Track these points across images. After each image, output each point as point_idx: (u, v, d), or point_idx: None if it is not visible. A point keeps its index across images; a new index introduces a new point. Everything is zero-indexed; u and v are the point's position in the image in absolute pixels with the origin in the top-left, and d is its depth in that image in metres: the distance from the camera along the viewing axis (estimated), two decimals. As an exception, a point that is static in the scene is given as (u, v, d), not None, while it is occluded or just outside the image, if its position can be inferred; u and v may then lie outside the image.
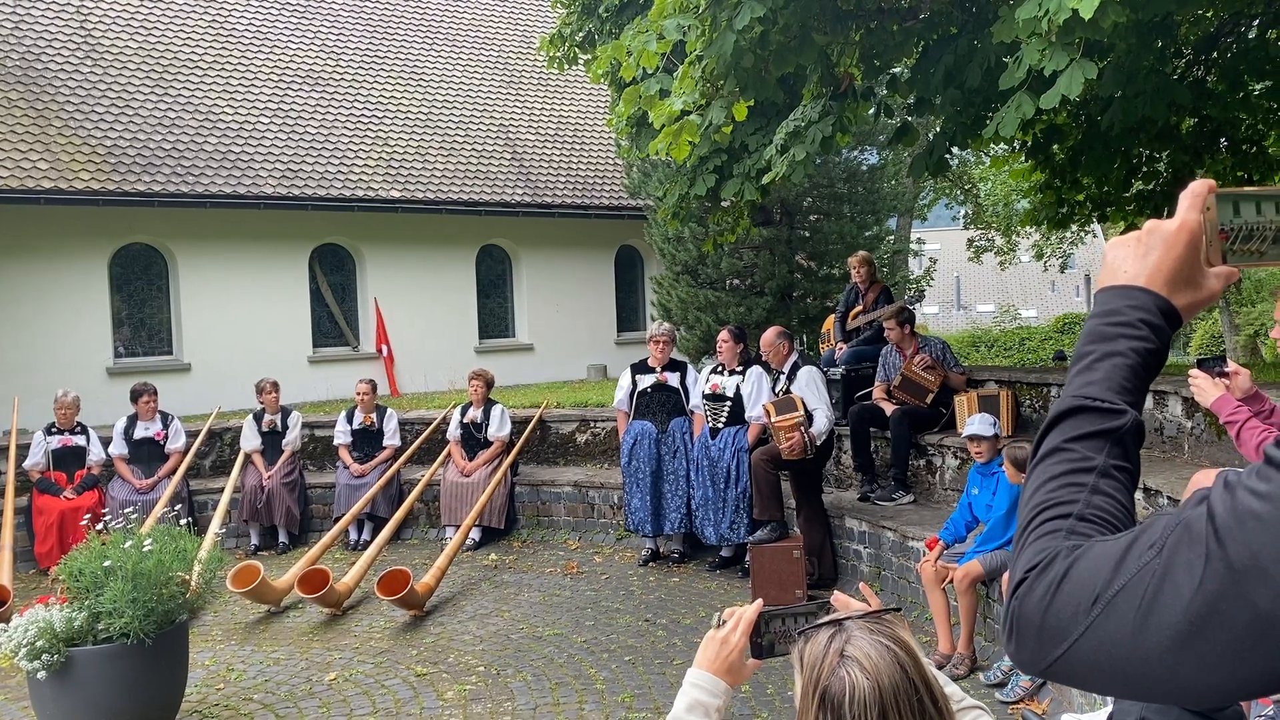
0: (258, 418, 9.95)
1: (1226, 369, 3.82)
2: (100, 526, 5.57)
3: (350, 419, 10.08)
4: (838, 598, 1.76)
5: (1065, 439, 1.12)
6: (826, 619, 1.52)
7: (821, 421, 7.51)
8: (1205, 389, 3.79)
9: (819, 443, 7.49)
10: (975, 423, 6.15)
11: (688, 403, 8.67)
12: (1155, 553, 0.96)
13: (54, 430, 9.33)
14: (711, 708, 1.82)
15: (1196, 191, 1.14)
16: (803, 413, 7.39)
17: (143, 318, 13.31)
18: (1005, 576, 5.58)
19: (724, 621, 1.86)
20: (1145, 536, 0.99)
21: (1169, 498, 5.45)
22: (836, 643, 1.45)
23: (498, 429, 9.74)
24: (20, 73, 12.82)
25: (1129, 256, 1.16)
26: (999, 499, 5.88)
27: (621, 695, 5.78)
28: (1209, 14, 8.44)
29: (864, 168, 15.20)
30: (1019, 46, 5.45)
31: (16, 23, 13.27)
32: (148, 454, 9.59)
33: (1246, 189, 1.15)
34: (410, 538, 9.83)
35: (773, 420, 7.40)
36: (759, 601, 1.85)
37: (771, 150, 7.01)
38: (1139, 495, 5.87)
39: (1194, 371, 3.88)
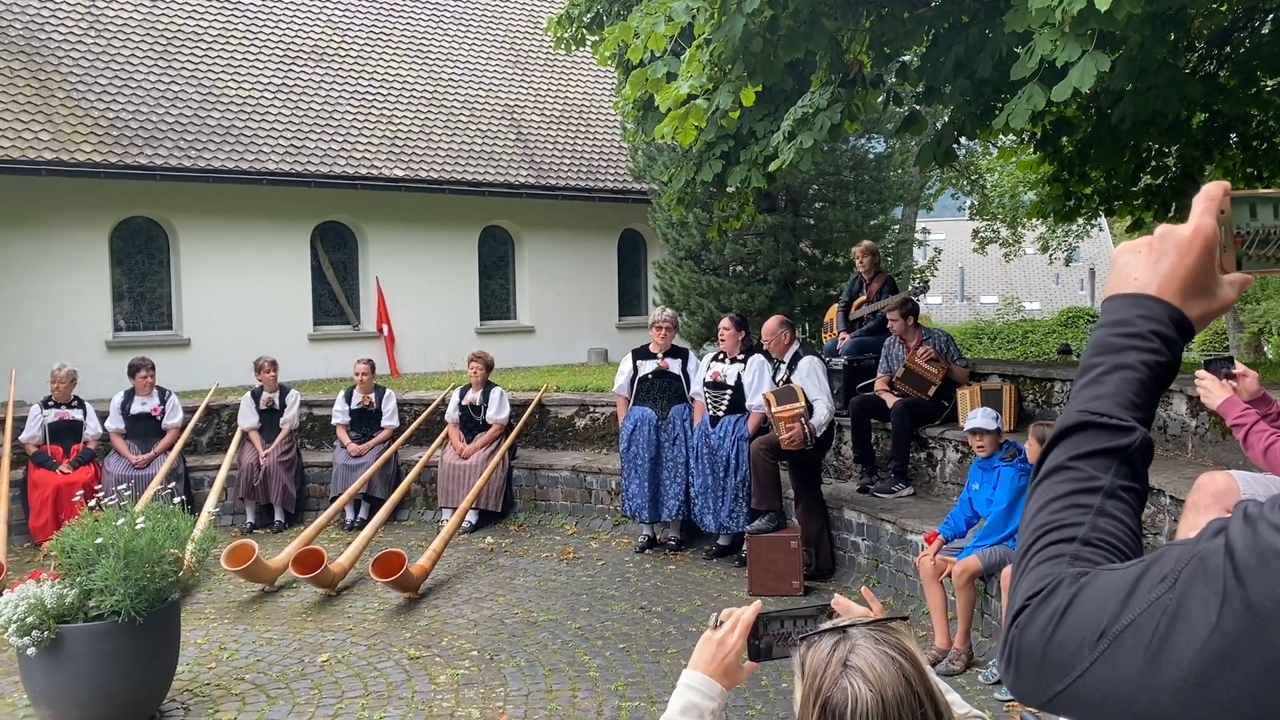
0: (256, 395, 9.90)
1: (1234, 370, 3.76)
2: (93, 503, 5.52)
3: (349, 398, 10.04)
4: (839, 601, 1.70)
5: (1070, 456, 1.06)
6: (829, 625, 1.47)
7: (822, 412, 7.46)
8: (1212, 390, 3.73)
9: (819, 434, 7.44)
10: (978, 416, 6.09)
11: (688, 390, 8.62)
12: (1167, 587, 0.91)
13: (50, 404, 9.29)
14: (706, 710, 1.77)
15: (1211, 194, 1.07)
16: (803, 403, 7.34)
17: (143, 292, 13.25)
18: (1005, 572, 5.54)
19: (721, 622, 1.81)
20: (1156, 568, 0.93)
21: (1171, 497, 5.41)
22: (840, 651, 1.39)
23: (496, 411, 9.70)
24: (23, 42, 12.72)
25: (1140, 263, 1.10)
26: (999, 494, 5.84)
27: (615, 683, 5.75)
28: (1223, 8, 8.35)
29: (870, 156, 15.12)
30: (1031, 36, 5.38)
31: (20, -8, 13.17)
32: (144, 429, 9.55)
33: (1263, 190, 1.09)
34: (407, 519, 9.80)
35: (773, 410, 7.35)
36: (757, 603, 1.80)
37: (779, 137, 6.94)
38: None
39: (1200, 373, 3.82)
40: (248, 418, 9.83)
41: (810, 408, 7.40)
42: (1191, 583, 0.89)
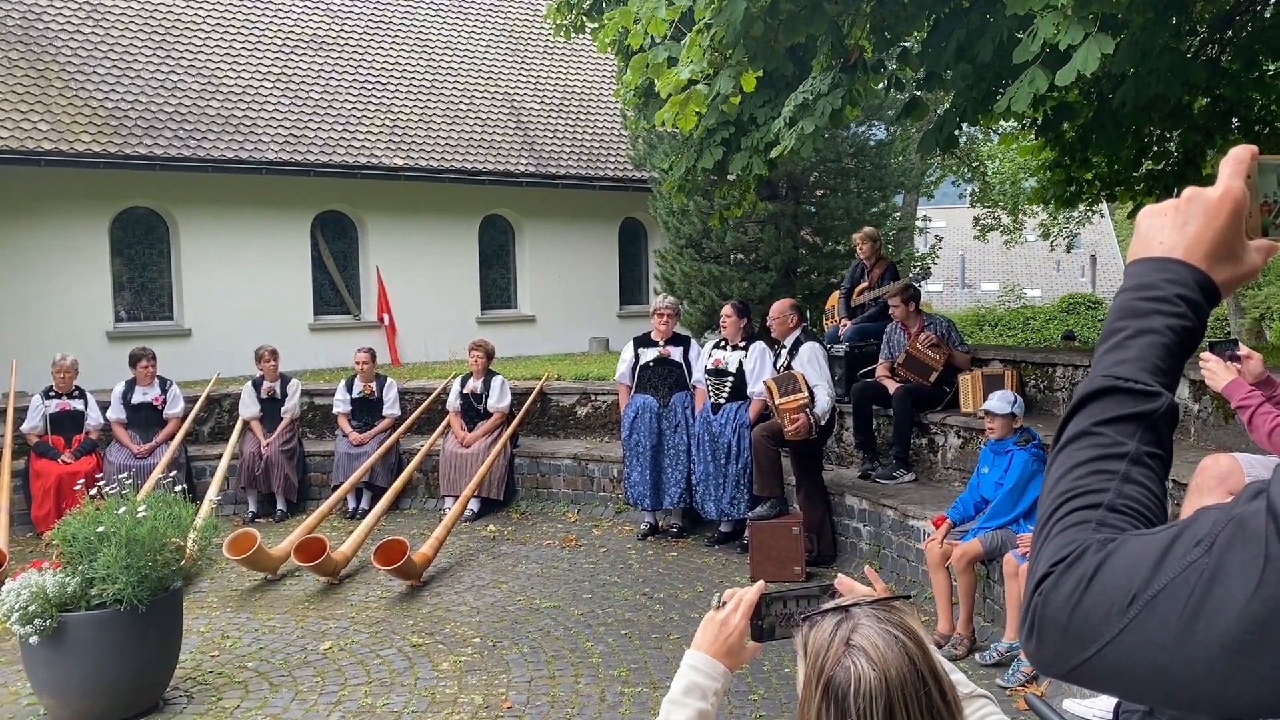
0: (257, 384, 9.90)
1: (1239, 353, 3.75)
2: (94, 491, 5.52)
3: (350, 387, 10.03)
4: (842, 581, 1.69)
5: (1094, 422, 1.04)
6: (832, 604, 1.46)
7: (823, 400, 7.46)
8: (1217, 373, 3.72)
9: (823, 422, 7.44)
10: (994, 398, 6.07)
11: (690, 377, 8.62)
12: (1203, 551, 0.88)
13: (52, 394, 9.28)
14: (709, 690, 1.76)
15: (1239, 157, 1.05)
16: (807, 394, 7.33)
17: (144, 282, 13.24)
18: (1007, 557, 5.54)
19: (724, 603, 1.80)
20: (1190, 532, 0.90)
21: (1174, 480, 5.39)
22: (843, 631, 1.38)
23: (498, 400, 9.69)
24: (21, 32, 12.69)
25: (1166, 226, 1.07)
26: (1010, 477, 5.81)
27: (617, 669, 5.75)
28: (1225, -9, 8.31)
29: (871, 143, 15.07)
30: (1031, 20, 5.35)
31: (17, -19, 13.13)
32: (146, 419, 9.55)
33: None
34: (409, 507, 9.80)
35: (776, 401, 7.34)
36: (760, 583, 1.79)
37: (780, 123, 6.91)
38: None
39: (1206, 355, 3.81)
40: (249, 407, 9.82)
41: (812, 396, 7.39)
42: (1230, 547, 0.87)
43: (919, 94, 8.42)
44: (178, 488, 6.18)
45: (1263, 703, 0.86)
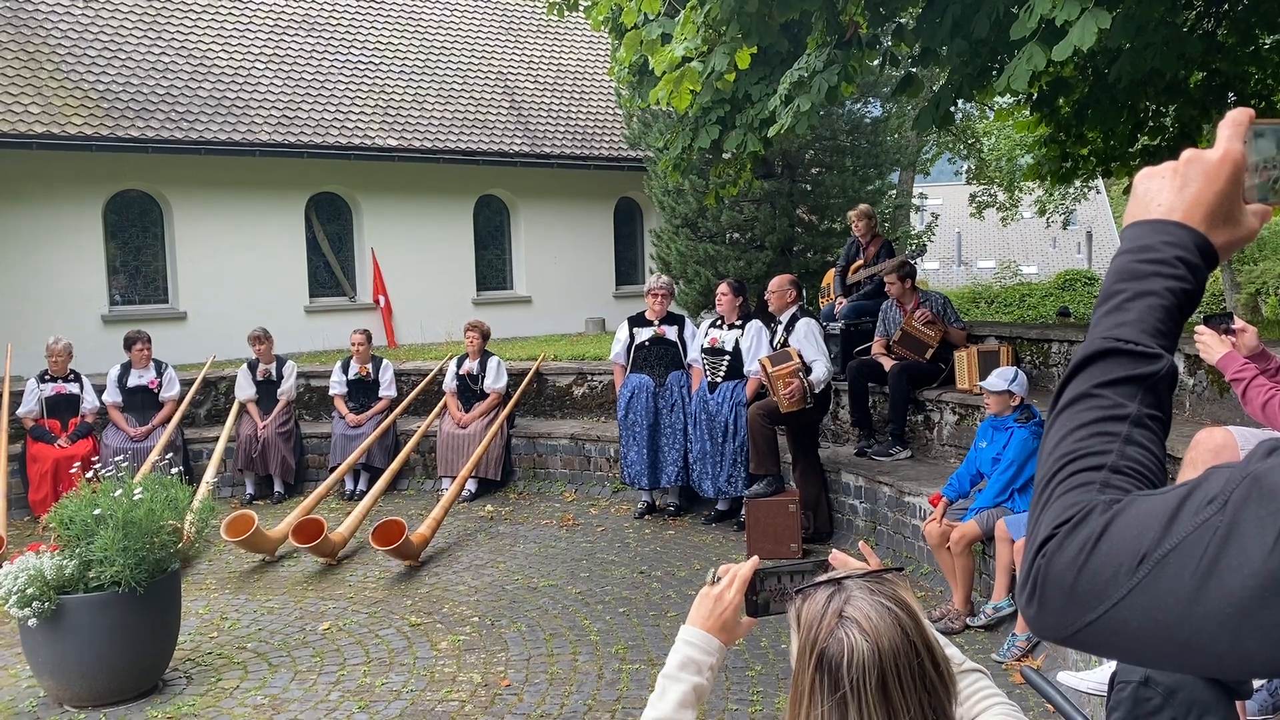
0: (252, 367, 9.89)
1: (1233, 326, 3.75)
2: (91, 474, 5.52)
3: (346, 369, 10.02)
4: (836, 556, 1.70)
5: (1095, 384, 1.03)
6: (825, 577, 1.47)
7: (821, 371, 7.47)
8: (1211, 346, 3.72)
9: (817, 390, 7.45)
10: (993, 375, 6.07)
11: (686, 356, 8.62)
12: (1217, 509, 0.87)
13: (47, 378, 9.27)
14: (705, 665, 1.77)
15: (1238, 120, 1.04)
16: (799, 362, 7.35)
17: (138, 265, 13.21)
18: (998, 523, 5.56)
19: (719, 578, 1.80)
20: (1201, 491, 0.89)
21: (1169, 454, 5.40)
22: (835, 603, 1.39)
23: (494, 381, 9.69)
24: (10, 14, 12.60)
25: (1164, 188, 1.07)
26: (1008, 454, 5.80)
27: (615, 647, 5.77)
28: (1222, -36, 8.27)
29: (867, 120, 15.02)
30: (1029, -5, 5.32)
31: (6, -37, 13.03)
32: (142, 402, 9.54)
33: None
34: (406, 488, 9.82)
35: (770, 371, 7.34)
36: (755, 559, 1.79)
37: (775, 100, 6.89)
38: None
39: (1200, 328, 3.81)
40: (245, 390, 9.82)
41: (807, 367, 7.40)
42: (1245, 504, 0.86)
43: (915, 70, 8.38)
44: (174, 470, 6.17)
45: (1273, 661, 0.85)
